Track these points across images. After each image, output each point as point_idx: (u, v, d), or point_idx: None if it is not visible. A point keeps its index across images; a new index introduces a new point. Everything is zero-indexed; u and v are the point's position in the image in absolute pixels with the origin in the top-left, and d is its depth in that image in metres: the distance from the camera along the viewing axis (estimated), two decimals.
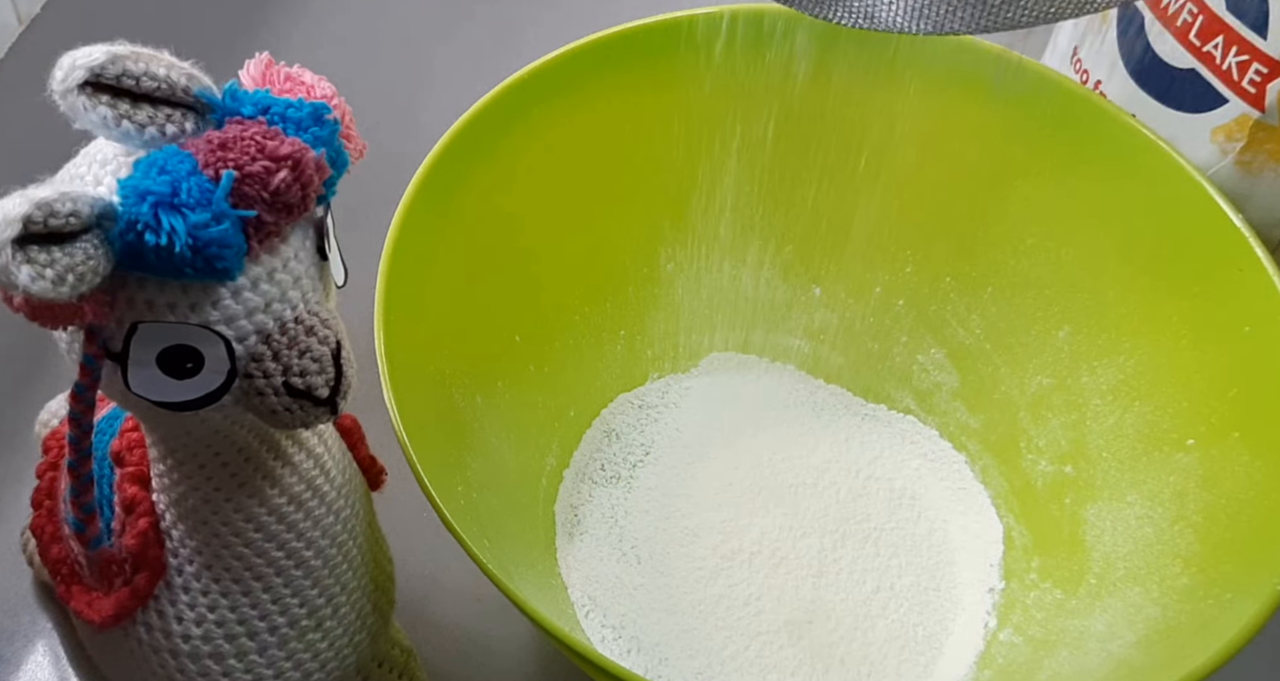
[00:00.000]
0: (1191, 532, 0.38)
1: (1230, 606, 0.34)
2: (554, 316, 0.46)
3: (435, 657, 0.42)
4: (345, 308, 0.29)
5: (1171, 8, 0.41)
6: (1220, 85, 0.41)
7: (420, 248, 0.39)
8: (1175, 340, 0.41)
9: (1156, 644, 0.36)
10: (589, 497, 0.45)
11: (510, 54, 0.47)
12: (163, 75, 0.26)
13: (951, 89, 0.44)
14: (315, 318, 0.27)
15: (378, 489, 0.36)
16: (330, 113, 0.27)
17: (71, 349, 0.27)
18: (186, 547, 0.31)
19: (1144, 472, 0.41)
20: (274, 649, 0.33)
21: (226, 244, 0.25)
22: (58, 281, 0.23)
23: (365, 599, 0.35)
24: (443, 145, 0.41)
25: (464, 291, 0.42)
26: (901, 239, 0.47)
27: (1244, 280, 0.40)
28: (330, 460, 0.33)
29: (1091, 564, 0.41)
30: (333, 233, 0.28)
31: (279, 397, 0.27)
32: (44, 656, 0.42)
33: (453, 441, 0.39)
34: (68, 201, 0.23)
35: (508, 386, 0.43)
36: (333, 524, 0.33)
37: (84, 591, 0.34)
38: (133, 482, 0.32)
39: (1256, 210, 0.41)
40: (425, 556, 0.42)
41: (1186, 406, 0.41)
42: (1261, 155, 0.41)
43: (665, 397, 0.48)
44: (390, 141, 0.40)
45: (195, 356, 0.26)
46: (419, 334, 0.39)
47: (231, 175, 0.25)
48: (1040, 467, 0.45)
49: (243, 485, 0.30)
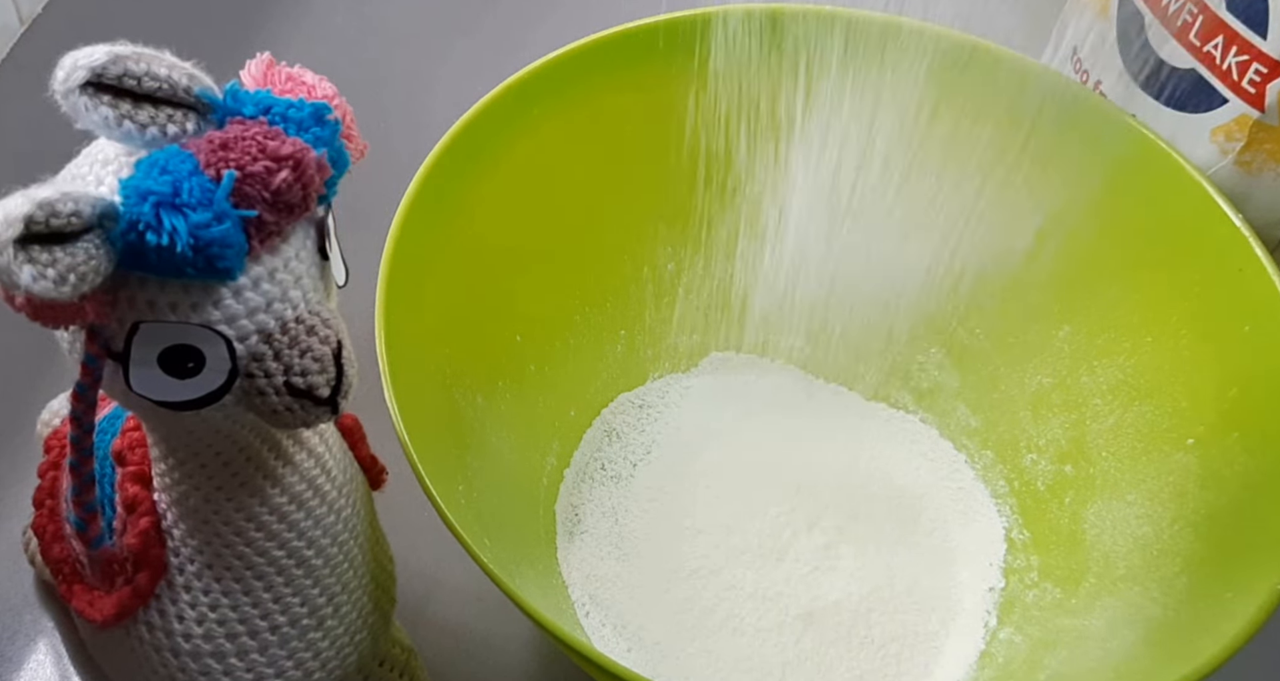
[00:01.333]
0: (1191, 532, 0.38)
1: (1230, 606, 0.34)
2: (554, 316, 0.46)
3: (436, 656, 0.42)
4: (346, 307, 0.29)
5: (1171, 8, 0.41)
6: (1220, 85, 0.41)
7: (421, 247, 0.39)
8: (1175, 340, 0.41)
9: (1156, 643, 0.36)
10: (589, 497, 0.45)
11: (511, 54, 0.47)
12: (164, 75, 0.26)
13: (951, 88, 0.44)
14: (316, 317, 0.27)
15: (378, 488, 0.36)
16: (331, 113, 0.27)
17: (73, 348, 0.27)
18: (188, 546, 0.32)
19: (1144, 472, 0.41)
20: (275, 648, 0.33)
21: (228, 244, 0.25)
22: (59, 281, 0.23)
23: (366, 597, 0.35)
24: (443, 145, 0.41)
25: (465, 291, 0.42)
26: (901, 237, 0.47)
27: (1244, 280, 0.40)
28: (331, 459, 0.33)
29: (1091, 563, 0.41)
30: (334, 232, 0.28)
31: (280, 397, 0.27)
32: (46, 655, 0.42)
33: (453, 441, 0.39)
34: (69, 201, 0.23)
35: (508, 386, 0.43)
36: (334, 523, 0.33)
37: (85, 590, 0.34)
38: (134, 482, 0.32)
39: (1256, 210, 0.41)
40: (426, 555, 0.42)
41: (1186, 406, 0.41)
42: (1261, 155, 0.41)
43: (665, 397, 0.48)
44: (391, 141, 0.40)
45: (196, 356, 0.26)
46: (420, 333, 0.39)
47: (233, 175, 0.25)
48: (1040, 467, 0.45)
49: (244, 484, 0.30)
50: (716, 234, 0.47)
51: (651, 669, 0.41)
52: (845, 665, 0.41)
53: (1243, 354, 0.39)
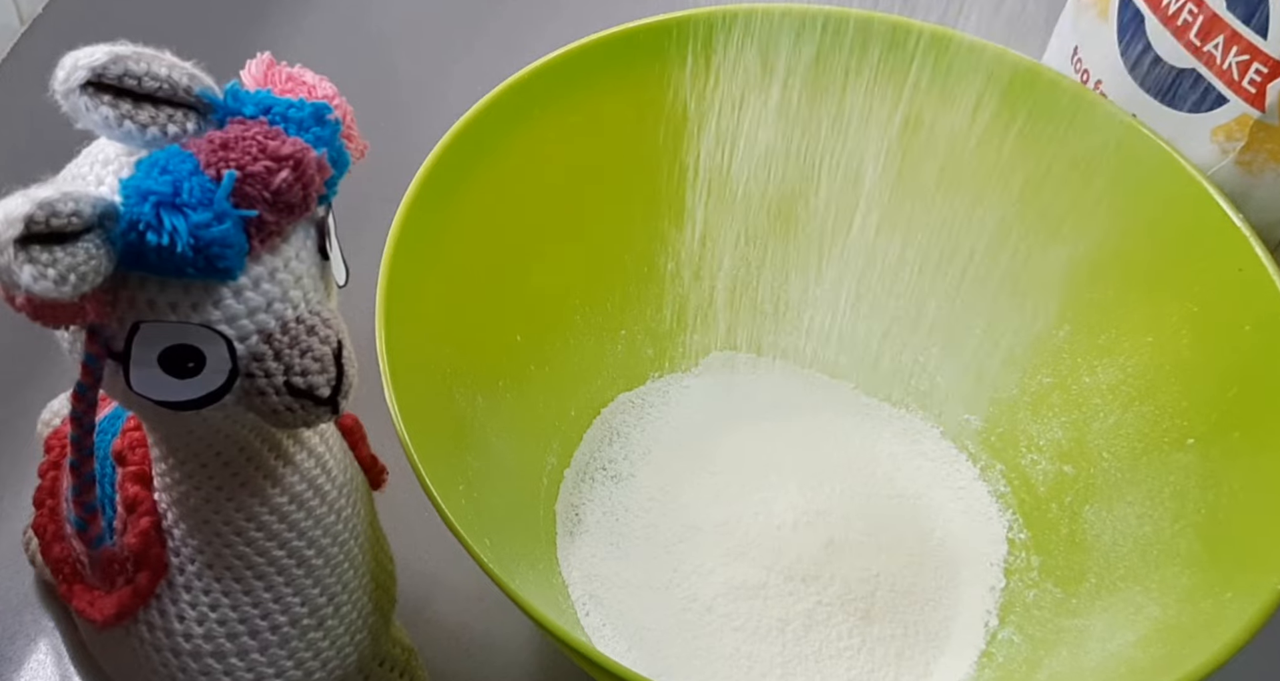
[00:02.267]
0: (1191, 532, 0.38)
1: (1230, 606, 0.34)
2: (554, 316, 0.46)
3: (436, 656, 0.42)
4: (346, 307, 0.29)
5: (1171, 8, 0.42)
6: (1220, 85, 0.41)
7: (421, 247, 0.39)
8: (1175, 340, 0.41)
9: (1156, 643, 0.36)
10: (590, 496, 0.45)
11: (511, 54, 0.47)
12: (164, 75, 0.26)
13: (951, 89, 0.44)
14: (317, 317, 0.27)
15: (379, 488, 0.36)
16: (332, 113, 0.27)
17: (73, 348, 0.27)
18: (188, 546, 0.32)
19: (1144, 472, 0.41)
20: (276, 647, 0.33)
21: (228, 243, 0.25)
22: (59, 281, 0.23)
23: (367, 597, 0.35)
24: (444, 145, 0.41)
25: (465, 291, 0.42)
26: (901, 237, 0.47)
27: (1244, 280, 0.40)
28: (332, 459, 0.33)
29: (1092, 563, 0.41)
30: (334, 232, 0.28)
31: (280, 397, 0.27)
32: (46, 655, 0.43)
33: (453, 441, 0.39)
34: (70, 201, 0.23)
35: (508, 386, 0.43)
36: (334, 522, 0.33)
37: (86, 590, 0.34)
38: (134, 482, 0.32)
39: (1256, 210, 0.41)
40: (426, 555, 0.42)
41: (1186, 406, 0.41)
42: (1261, 155, 0.41)
43: (666, 397, 0.48)
44: (391, 141, 0.40)
45: (197, 356, 0.26)
46: (420, 333, 0.39)
47: (233, 175, 0.25)
48: (1040, 467, 0.45)
49: (244, 484, 0.30)
50: (716, 233, 0.47)
51: (651, 669, 0.41)
52: (845, 665, 0.41)
53: (1243, 354, 0.39)
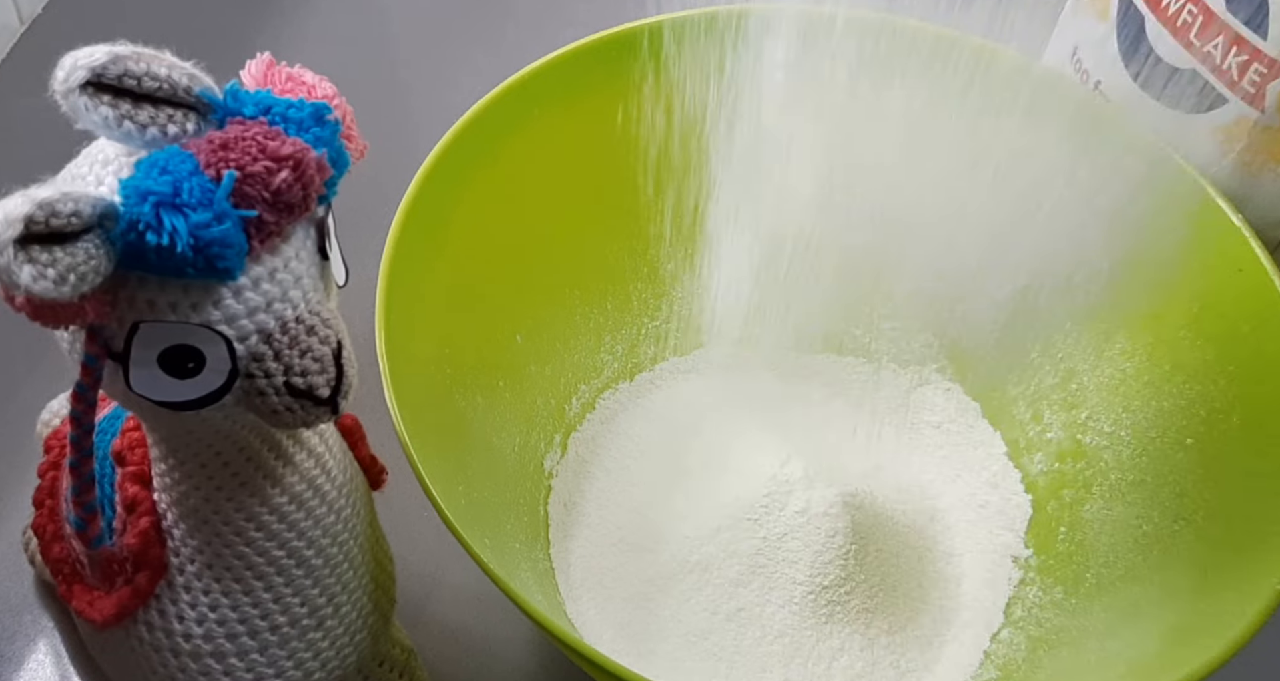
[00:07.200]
0: (1191, 532, 0.38)
1: (1231, 606, 0.34)
2: (554, 316, 0.46)
3: (436, 656, 0.42)
4: (346, 307, 0.29)
5: (1171, 8, 0.42)
6: (1220, 85, 0.41)
7: (421, 247, 0.39)
8: (1175, 340, 0.41)
9: (1157, 643, 0.36)
10: (588, 494, 0.45)
11: (511, 54, 0.47)
12: (164, 75, 0.26)
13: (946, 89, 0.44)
14: (316, 317, 0.27)
15: (379, 488, 0.36)
16: (331, 113, 0.27)
17: (73, 348, 0.27)
18: (188, 546, 0.32)
19: (1144, 472, 0.41)
20: (275, 648, 0.33)
21: (228, 244, 0.25)
22: (59, 281, 0.23)
23: (366, 597, 0.35)
24: (443, 145, 0.41)
25: (465, 291, 0.42)
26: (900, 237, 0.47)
27: (1244, 280, 0.40)
28: (331, 459, 0.33)
29: (1092, 562, 0.41)
30: (334, 232, 0.28)
31: (280, 397, 0.27)
32: (45, 655, 0.43)
33: (453, 441, 0.39)
34: (69, 201, 0.23)
35: (508, 386, 0.43)
36: (334, 523, 0.33)
37: (85, 590, 0.34)
38: (134, 482, 0.32)
39: (1256, 210, 0.41)
40: (426, 555, 0.42)
41: (1186, 406, 0.41)
42: (1261, 155, 0.41)
43: (665, 395, 0.48)
44: (391, 142, 0.40)
45: (196, 356, 0.26)
46: (420, 333, 0.39)
47: (233, 175, 0.25)
48: (1040, 466, 0.45)
49: (244, 484, 0.30)
50: (716, 233, 0.47)
51: (651, 668, 0.41)
52: (846, 663, 0.41)
53: (1243, 354, 0.39)
